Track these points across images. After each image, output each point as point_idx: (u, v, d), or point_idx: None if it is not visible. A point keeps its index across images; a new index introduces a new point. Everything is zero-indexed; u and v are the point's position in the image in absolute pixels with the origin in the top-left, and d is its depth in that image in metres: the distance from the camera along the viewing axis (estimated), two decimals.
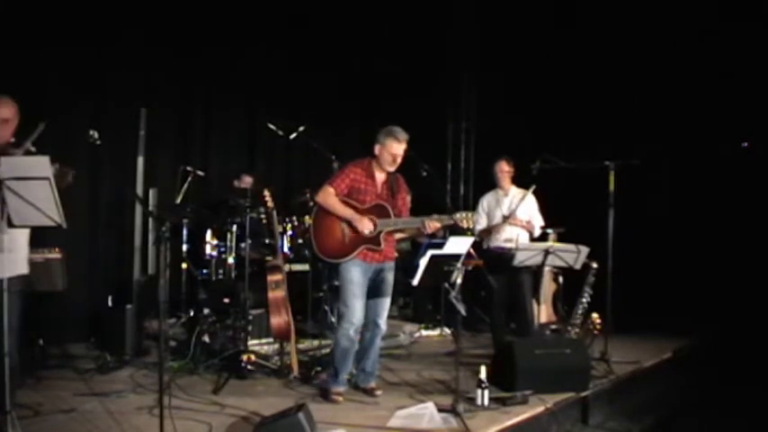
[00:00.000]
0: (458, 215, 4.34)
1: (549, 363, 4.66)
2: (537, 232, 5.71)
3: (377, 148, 4.45)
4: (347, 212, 4.35)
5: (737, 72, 7.47)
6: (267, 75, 7.29)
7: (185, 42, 6.54)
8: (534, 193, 5.61)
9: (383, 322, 4.53)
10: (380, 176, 4.51)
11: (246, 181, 6.38)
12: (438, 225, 4.42)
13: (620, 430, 4.80)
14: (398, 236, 6.60)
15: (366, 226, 4.34)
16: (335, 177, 4.46)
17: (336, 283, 5.24)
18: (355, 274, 4.36)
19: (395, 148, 4.39)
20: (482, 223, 5.73)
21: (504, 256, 5.46)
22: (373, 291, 4.48)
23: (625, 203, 5.63)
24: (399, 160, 4.45)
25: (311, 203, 4.66)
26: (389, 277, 4.52)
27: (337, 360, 4.43)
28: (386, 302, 4.53)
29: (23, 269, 3.47)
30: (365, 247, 4.36)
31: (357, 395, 4.47)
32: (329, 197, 4.38)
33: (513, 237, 5.56)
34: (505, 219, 5.55)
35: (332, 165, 5.57)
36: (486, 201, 5.80)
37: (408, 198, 6.31)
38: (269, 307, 4.95)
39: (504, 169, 5.68)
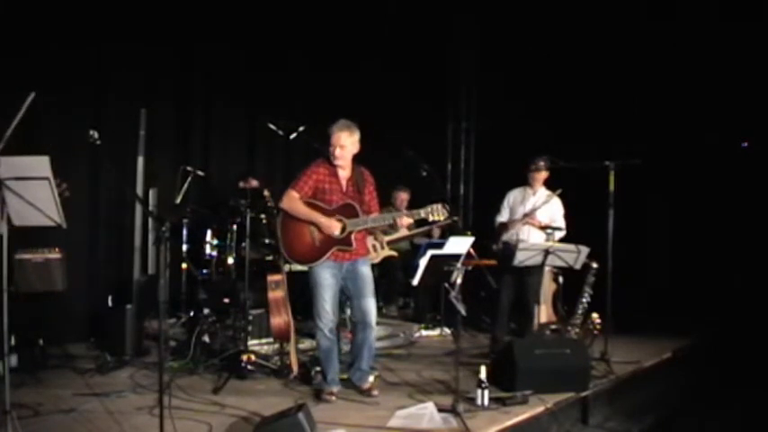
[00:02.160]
0: (428, 208, 4.28)
1: (549, 363, 4.66)
2: (557, 235, 5.69)
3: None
4: (314, 216, 4.32)
5: (738, 72, 7.47)
6: (267, 75, 7.28)
7: (185, 42, 6.54)
8: (560, 196, 5.62)
9: (373, 322, 4.49)
10: (344, 174, 4.46)
11: (253, 183, 6.37)
12: (410, 221, 4.40)
13: (620, 430, 4.79)
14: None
15: (334, 228, 4.31)
16: (298, 180, 4.40)
17: None
18: (326, 277, 4.34)
19: (332, 138, 4.36)
20: (504, 216, 5.75)
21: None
22: (354, 291, 4.45)
23: (625, 203, 5.63)
24: (343, 152, 4.38)
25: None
26: (365, 272, 4.47)
27: (323, 361, 4.44)
28: (370, 301, 4.46)
29: None
30: (336, 249, 4.34)
31: (357, 395, 4.47)
32: (293, 202, 4.35)
33: (531, 238, 5.57)
34: (524, 216, 5.56)
35: None
36: (512, 196, 5.80)
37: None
38: (269, 307, 4.95)
39: (540, 168, 5.66)
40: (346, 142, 4.38)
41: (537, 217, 5.60)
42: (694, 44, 7.52)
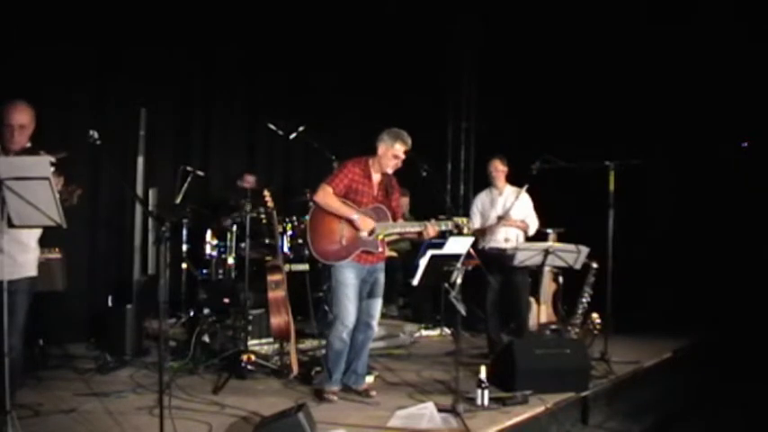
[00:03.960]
0: (455, 220, 4.36)
1: (549, 363, 4.66)
2: (532, 231, 5.69)
3: (381, 149, 4.42)
4: (349, 211, 4.31)
5: (738, 72, 7.47)
6: (267, 75, 7.28)
7: (185, 42, 6.53)
8: (528, 191, 5.61)
9: (375, 323, 4.52)
10: (377, 177, 4.48)
11: (249, 180, 6.37)
12: (437, 230, 4.40)
13: (620, 430, 4.80)
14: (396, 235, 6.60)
15: (368, 225, 4.31)
16: (334, 177, 4.41)
17: None
18: (350, 277, 4.34)
19: (401, 151, 4.39)
20: (476, 222, 5.73)
21: (501, 256, 5.46)
22: (364, 292, 4.45)
23: (625, 203, 5.63)
24: (400, 164, 4.45)
25: (310, 204, 4.66)
26: (381, 278, 4.51)
27: (331, 362, 4.41)
28: (378, 303, 4.51)
29: (33, 271, 3.49)
30: (362, 250, 4.35)
31: (357, 395, 4.47)
32: (328, 197, 4.33)
33: (511, 237, 5.57)
34: (500, 219, 5.55)
35: (332, 165, 5.56)
36: (480, 200, 5.79)
37: (406, 200, 6.31)
38: (269, 307, 4.95)
39: (498, 168, 5.67)
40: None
41: (512, 217, 5.59)
42: (694, 44, 7.52)
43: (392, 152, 4.39)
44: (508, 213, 5.54)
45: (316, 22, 7.48)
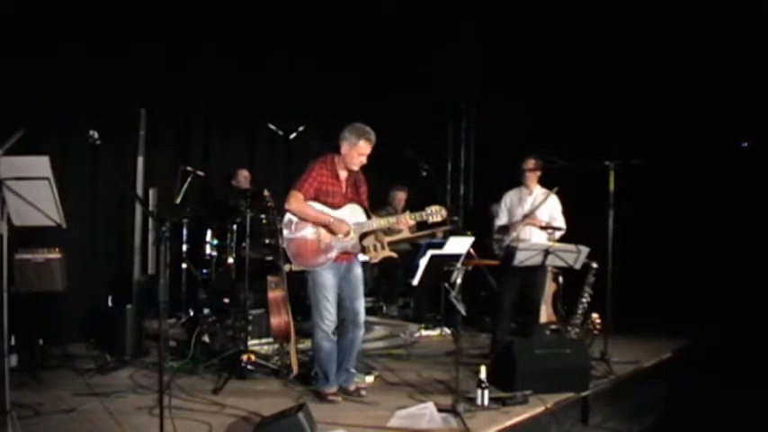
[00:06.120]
0: (428, 210, 4.36)
1: (549, 363, 4.66)
2: (557, 234, 5.66)
3: (344, 147, 4.36)
4: (323, 218, 4.30)
5: (738, 72, 7.47)
6: (267, 75, 7.28)
7: (185, 42, 6.53)
8: (558, 194, 5.61)
9: (362, 320, 4.50)
10: (343, 174, 4.45)
11: (243, 175, 6.38)
12: (412, 222, 4.43)
13: (620, 430, 4.80)
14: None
15: (343, 228, 4.31)
16: (303, 181, 4.35)
17: None
18: (328, 278, 4.33)
19: (366, 148, 4.35)
20: (503, 219, 5.73)
21: None
22: (347, 291, 4.44)
23: (625, 203, 5.63)
24: (365, 161, 4.41)
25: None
26: (359, 273, 4.49)
27: (324, 363, 4.40)
28: (361, 301, 4.48)
29: None
30: (341, 252, 4.35)
31: (347, 395, 4.47)
32: (301, 204, 4.30)
33: (535, 238, 5.57)
34: (525, 217, 5.56)
35: None
36: (509, 197, 5.78)
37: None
38: (269, 307, 4.95)
39: (530, 167, 5.64)
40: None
41: (537, 216, 5.59)
42: (695, 44, 7.52)
43: (357, 150, 4.33)
44: (534, 213, 5.55)
45: (315, 22, 7.48)
